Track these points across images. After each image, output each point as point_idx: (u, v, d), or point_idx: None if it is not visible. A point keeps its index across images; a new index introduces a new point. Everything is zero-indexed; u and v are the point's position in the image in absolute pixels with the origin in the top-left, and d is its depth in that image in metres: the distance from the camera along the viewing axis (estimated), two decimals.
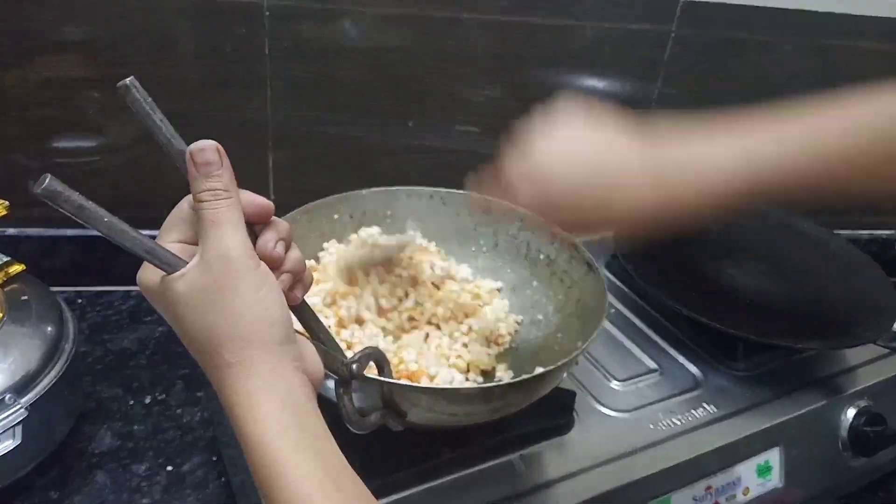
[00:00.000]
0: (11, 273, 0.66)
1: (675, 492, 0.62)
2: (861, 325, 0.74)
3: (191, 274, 0.36)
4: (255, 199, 0.39)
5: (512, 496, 0.57)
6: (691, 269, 0.82)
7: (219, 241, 0.36)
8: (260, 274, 0.37)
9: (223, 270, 0.35)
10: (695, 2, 0.88)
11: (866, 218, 1.17)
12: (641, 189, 0.47)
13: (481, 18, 0.83)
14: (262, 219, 0.40)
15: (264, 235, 0.39)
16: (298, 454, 0.35)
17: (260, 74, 0.80)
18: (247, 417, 0.35)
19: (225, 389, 0.36)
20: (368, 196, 0.71)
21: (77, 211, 0.32)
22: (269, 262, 0.39)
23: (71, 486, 0.62)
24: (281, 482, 0.34)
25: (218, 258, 0.36)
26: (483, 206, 0.56)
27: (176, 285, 0.36)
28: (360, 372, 0.46)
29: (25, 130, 0.79)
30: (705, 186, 0.47)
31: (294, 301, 0.41)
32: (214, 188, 0.36)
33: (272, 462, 0.35)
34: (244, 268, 0.36)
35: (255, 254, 0.37)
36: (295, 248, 0.41)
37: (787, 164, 0.46)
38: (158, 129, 0.38)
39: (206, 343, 0.36)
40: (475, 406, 0.53)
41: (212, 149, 0.37)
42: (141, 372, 0.76)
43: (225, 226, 0.36)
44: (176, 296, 0.36)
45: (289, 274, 0.40)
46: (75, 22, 0.75)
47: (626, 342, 0.76)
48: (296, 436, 0.35)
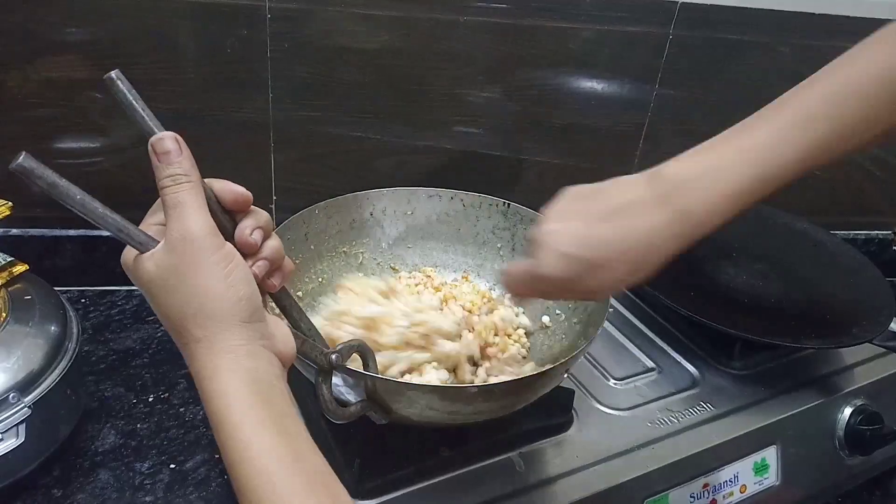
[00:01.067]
0: (15, 273, 0.66)
1: (673, 489, 0.62)
2: (858, 325, 0.74)
3: (158, 254, 0.38)
4: (232, 188, 0.41)
5: (511, 494, 0.57)
6: (689, 269, 0.83)
7: (180, 222, 0.37)
8: (224, 253, 0.38)
9: (185, 250, 0.37)
10: (692, 4, 0.89)
11: (863, 218, 1.17)
12: (655, 213, 0.46)
13: (481, 20, 0.84)
14: (241, 206, 0.42)
15: (243, 223, 0.41)
16: (263, 430, 0.36)
17: (261, 75, 0.81)
18: (213, 393, 0.37)
19: (194, 365, 0.38)
20: (388, 195, 0.71)
21: (49, 188, 0.34)
22: (245, 248, 0.41)
23: (74, 485, 0.63)
24: (244, 455, 0.35)
25: (181, 238, 0.37)
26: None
27: (146, 265, 0.38)
28: (341, 363, 0.46)
29: (27, 131, 0.79)
30: (716, 193, 0.46)
31: (271, 288, 0.43)
32: (174, 174, 0.38)
33: (236, 437, 0.36)
34: (207, 246, 0.37)
35: (219, 234, 0.39)
36: (274, 238, 0.43)
37: (788, 150, 0.46)
38: (143, 121, 0.40)
39: (176, 320, 0.38)
40: (476, 405, 0.53)
41: (170, 138, 0.39)
42: (144, 371, 0.76)
43: (186, 207, 0.38)
44: (147, 274, 0.38)
45: (265, 261, 0.42)
46: (77, 22, 0.75)
47: (624, 341, 0.77)
48: (260, 412, 0.36)
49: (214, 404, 0.37)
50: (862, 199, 1.16)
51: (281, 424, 0.37)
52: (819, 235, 0.91)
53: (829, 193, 1.12)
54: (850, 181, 1.13)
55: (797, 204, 1.04)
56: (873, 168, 1.13)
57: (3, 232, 0.81)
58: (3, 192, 0.65)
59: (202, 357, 0.37)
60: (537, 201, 0.77)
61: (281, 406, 0.38)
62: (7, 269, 0.66)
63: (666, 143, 1.00)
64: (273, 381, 0.38)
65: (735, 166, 0.46)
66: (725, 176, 0.46)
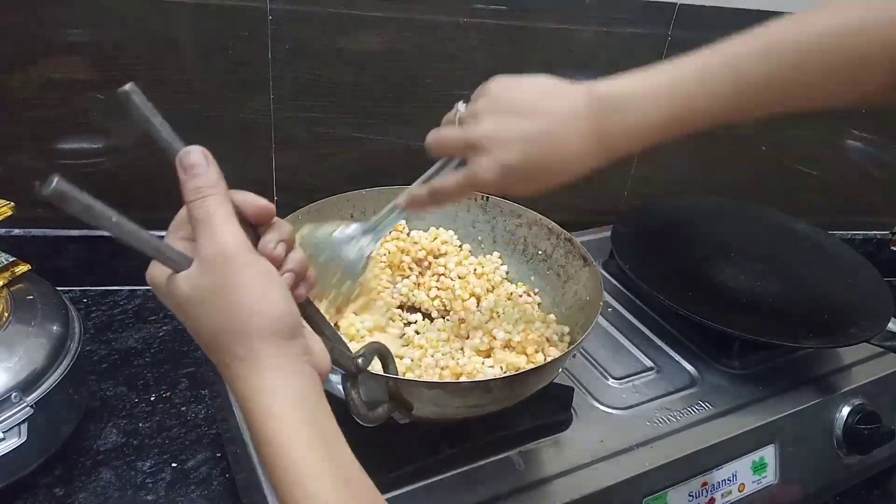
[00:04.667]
0: (17, 273, 0.67)
1: (672, 488, 0.62)
2: (856, 325, 0.74)
3: (193, 274, 0.37)
4: (255, 201, 0.40)
5: (511, 492, 0.57)
6: (687, 269, 0.83)
7: (212, 238, 0.36)
8: (261, 268, 0.37)
9: (223, 268, 0.36)
10: (691, 5, 0.89)
11: (862, 218, 1.18)
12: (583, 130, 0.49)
13: (481, 21, 0.84)
14: (264, 219, 0.41)
15: (266, 236, 0.40)
16: (311, 451, 0.35)
17: (263, 76, 0.81)
18: (259, 414, 0.36)
19: (236, 385, 0.37)
20: (368, 196, 0.72)
21: (84, 211, 0.32)
22: (270, 262, 0.39)
23: (76, 484, 0.63)
24: (294, 479, 0.35)
25: (216, 255, 0.36)
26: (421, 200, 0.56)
27: (180, 285, 0.37)
28: (366, 366, 0.47)
29: (30, 132, 0.80)
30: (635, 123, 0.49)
31: (298, 299, 0.42)
32: (199, 186, 0.37)
33: (285, 459, 0.35)
34: (244, 262, 0.36)
35: (252, 247, 0.38)
36: (298, 249, 0.42)
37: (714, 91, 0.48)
38: (159, 134, 0.39)
39: (215, 340, 0.37)
40: (476, 399, 0.54)
41: (197, 152, 0.38)
42: (145, 370, 0.77)
43: (215, 221, 0.36)
44: (182, 295, 0.37)
45: (291, 273, 0.41)
46: (79, 24, 0.75)
47: (623, 341, 0.77)
48: (307, 433, 0.36)
49: (260, 425, 0.36)
50: (860, 199, 1.16)
51: (329, 445, 0.36)
52: (817, 235, 0.91)
53: (828, 193, 1.13)
54: (849, 181, 1.13)
55: (796, 204, 1.04)
56: (872, 168, 1.13)
57: (6, 232, 0.81)
58: (4, 192, 0.66)
59: (245, 378, 0.36)
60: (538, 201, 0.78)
61: (328, 426, 0.37)
62: (9, 269, 0.66)
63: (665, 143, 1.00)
64: (318, 399, 0.38)
65: (659, 99, 0.48)
66: (646, 106, 0.49)
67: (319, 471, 0.35)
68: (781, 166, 1.08)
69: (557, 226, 0.71)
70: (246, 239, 0.37)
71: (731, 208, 0.96)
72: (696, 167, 1.05)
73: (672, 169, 1.04)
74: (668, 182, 1.05)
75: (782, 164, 1.08)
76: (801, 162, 1.09)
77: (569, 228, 0.71)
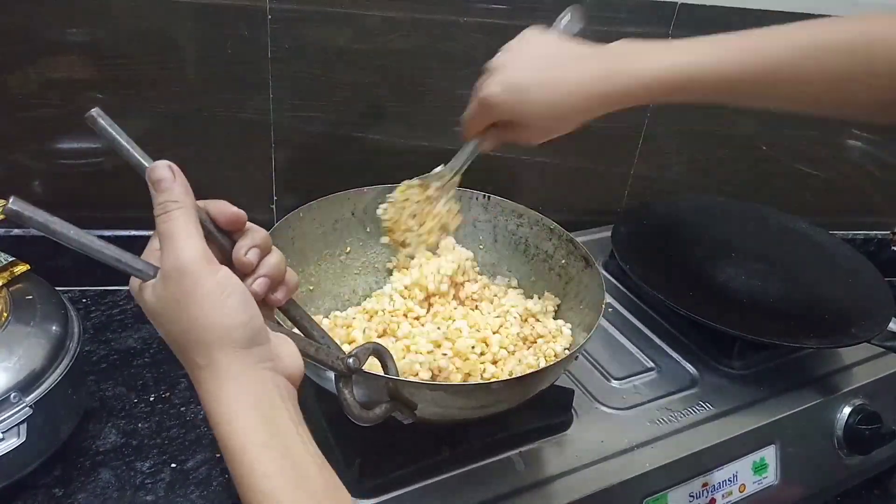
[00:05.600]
0: (16, 273, 0.67)
1: (673, 489, 0.62)
2: (856, 325, 0.74)
3: (156, 284, 0.38)
4: (226, 209, 0.42)
5: (511, 493, 0.57)
6: (688, 269, 0.83)
7: (172, 253, 0.38)
8: (217, 280, 0.38)
9: (179, 280, 0.37)
10: (692, 4, 0.89)
11: (862, 218, 1.17)
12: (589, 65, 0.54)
13: (481, 21, 0.84)
14: (237, 226, 0.42)
15: (239, 242, 0.42)
16: (266, 451, 0.37)
17: (262, 75, 0.81)
18: (218, 418, 0.37)
19: (199, 391, 0.39)
20: (369, 194, 0.72)
21: (43, 227, 0.34)
22: (242, 268, 0.41)
23: (75, 484, 0.63)
24: (251, 480, 0.36)
25: (174, 269, 0.37)
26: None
27: (145, 295, 0.39)
28: (358, 367, 0.46)
29: (28, 131, 0.79)
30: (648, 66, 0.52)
31: (276, 303, 0.44)
32: (164, 201, 0.38)
33: (241, 460, 0.36)
34: (200, 275, 0.37)
35: (214, 260, 0.38)
36: (275, 253, 0.43)
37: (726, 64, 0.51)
38: (129, 154, 0.40)
39: (179, 347, 0.39)
40: (478, 400, 0.54)
41: (163, 167, 0.39)
42: (145, 370, 0.77)
43: (177, 237, 0.38)
44: (147, 304, 0.39)
45: (264, 278, 0.42)
46: (78, 23, 0.75)
47: (623, 341, 0.77)
48: (262, 435, 0.37)
49: (220, 429, 0.37)
50: (861, 199, 1.16)
51: (284, 446, 0.37)
52: (818, 235, 0.91)
53: (828, 193, 1.13)
54: (850, 181, 1.13)
55: (796, 204, 1.04)
56: (872, 168, 1.13)
57: (5, 232, 0.81)
58: (3, 192, 0.65)
59: (205, 384, 0.38)
60: (538, 201, 0.78)
61: (286, 427, 0.38)
62: (8, 269, 0.66)
63: (665, 143, 1.00)
64: (278, 402, 0.39)
65: (672, 51, 0.52)
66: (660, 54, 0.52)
67: (274, 470, 0.36)
68: (781, 166, 1.08)
69: (559, 227, 0.71)
70: (206, 251, 0.38)
71: (731, 208, 0.96)
72: (696, 167, 1.05)
73: (672, 169, 1.04)
74: (668, 182, 1.05)
75: (782, 164, 1.08)
76: (801, 162, 1.09)
77: (569, 228, 0.71)
